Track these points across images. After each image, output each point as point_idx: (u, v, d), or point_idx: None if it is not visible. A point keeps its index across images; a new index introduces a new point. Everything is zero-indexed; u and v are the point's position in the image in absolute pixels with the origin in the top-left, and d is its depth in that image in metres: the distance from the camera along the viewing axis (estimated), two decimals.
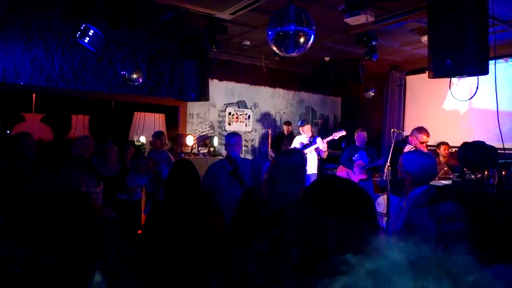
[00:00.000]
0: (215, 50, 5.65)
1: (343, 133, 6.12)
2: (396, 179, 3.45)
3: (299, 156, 2.39)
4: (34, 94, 6.13)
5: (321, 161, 6.38)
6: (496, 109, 3.55)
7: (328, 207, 1.07)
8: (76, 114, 6.75)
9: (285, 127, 7.50)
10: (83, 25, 4.81)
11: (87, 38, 4.85)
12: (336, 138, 6.12)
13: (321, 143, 5.96)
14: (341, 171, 6.17)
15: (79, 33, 4.85)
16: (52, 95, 6.04)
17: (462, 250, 0.48)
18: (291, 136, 7.16)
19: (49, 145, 5.91)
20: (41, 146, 4.81)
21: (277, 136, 7.53)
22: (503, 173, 3.13)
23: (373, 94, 7.42)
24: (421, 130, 4.94)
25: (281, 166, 2.25)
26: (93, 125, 6.82)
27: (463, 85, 6.39)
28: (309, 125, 6.27)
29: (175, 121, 7.13)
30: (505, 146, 3.74)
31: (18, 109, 6.14)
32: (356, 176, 5.94)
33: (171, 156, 5.49)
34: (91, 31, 4.83)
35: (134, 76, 5.93)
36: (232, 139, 3.87)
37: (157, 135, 5.64)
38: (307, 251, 1.00)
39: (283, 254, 1.00)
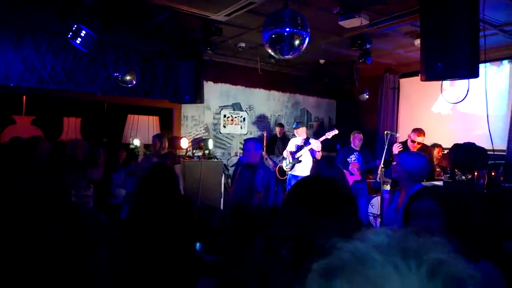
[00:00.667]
0: (210, 52, 5.66)
1: (336, 132, 6.20)
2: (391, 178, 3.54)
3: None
4: (24, 96, 6.05)
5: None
6: (486, 111, 3.60)
7: (311, 205, 1.10)
8: (68, 117, 6.67)
9: (278, 129, 7.53)
10: (75, 26, 4.79)
11: (79, 39, 4.83)
12: (329, 137, 6.17)
13: (315, 143, 6.01)
14: None
15: (70, 33, 4.83)
16: (43, 97, 5.94)
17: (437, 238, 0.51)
18: (285, 138, 7.19)
19: None
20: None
21: (271, 139, 7.55)
22: (493, 174, 3.18)
23: (367, 96, 7.48)
24: (414, 130, 5.15)
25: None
26: (86, 128, 6.74)
27: (455, 87, 6.48)
28: (304, 128, 6.30)
29: (169, 123, 7.11)
30: (495, 148, 3.80)
31: (8, 111, 6.05)
32: (351, 177, 5.97)
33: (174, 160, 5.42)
34: (83, 31, 4.81)
35: (128, 77, 5.91)
36: (244, 144, 4.07)
37: (159, 137, 5.60)
38: (297, 249, 1.02)
39: (274, 253, 1.02)
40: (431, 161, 5.07)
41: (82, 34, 4.84)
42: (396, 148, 5.14)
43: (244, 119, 7.86)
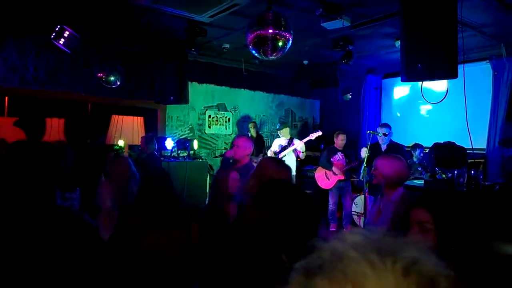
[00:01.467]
0: (195, 53, 5.65)
1: (319, 133, 6.30)
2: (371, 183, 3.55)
3: None
4: (6, 97, 5.94)
5: (300, 163, 6.47)
6: (465, 111, 3.71)
7: (275, 208, 1.15)
8: (51, 117, 6.56)
9: (253, 129, 7.39)
10: (58, 26, 4.73)
11: (62, 40, 4.78)
12: (313, 138, 6.27)
13: (299, 144, 6.09)
14: (320, 172, 6.27)
15: (54, 34, 4.77)
16: (26, 98, 5.87)
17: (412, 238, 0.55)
18: (260, 139, 7.21)
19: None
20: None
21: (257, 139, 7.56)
22: (472, 172, 3.28)
23: (350, 96, 7.58)
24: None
25: None
26: (69, 129, 6.64)
27: (435, 88, 6.63)
28: (288, 128, 6.37)
29: (154, 124, 7.07)
30: (475, 147, 3.92)
31: None
32: (335, 177, 6.05)
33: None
34: (67, 32, 4.76)
35: (112, 78, 5.85)
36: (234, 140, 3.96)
37: (143, 137, 5.55)
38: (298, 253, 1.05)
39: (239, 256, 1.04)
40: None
41: (66, 35, 4.79)
42: (364, 152, 5.20)
43: (229, 119, 7.87)
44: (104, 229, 2.59)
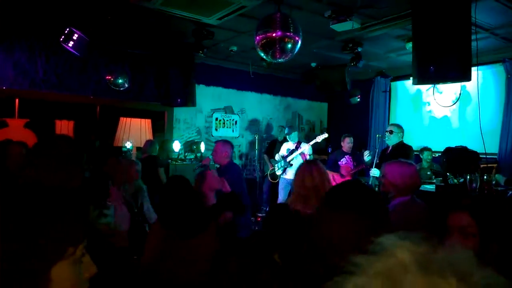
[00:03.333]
0: (202, 55, 5.63)
1: (326, 135, 6.26)
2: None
3: None
4: (17, 99, 6.00)
5: None
6: (478, 114, 3.63)
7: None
8: (61, 119, 6.63)
9: (280, 133, 7.36)
10: (67, 29, 4.75)
11: (71, 42, 4.79)
12: (319, 141, 6.22)
13: (305, 147, 6.05)
14: None
15: (62, 37, 4.79)
16: (36, 100, 5.92)
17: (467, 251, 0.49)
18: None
19: None
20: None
21: (272, 142, 7.48)
22: (485, 177, 3.19)
23: (358, 99, 7.50)
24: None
25: None
26: (78, 131, 6.70)
27: (446, 91, 6.53)
28: (296, 132, 6.34)
29: (161, 126, 7.07)
30: (487, 151, 3.83)
31: (1, 114, 6.00)
32: (342, 180, 5.97)
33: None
34: (75, 35, 4.77)
35: (120, 81, 5.86)
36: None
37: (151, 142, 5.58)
38: (290, 254, 1.00)
39: (265, 259, 1.00)
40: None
41: (75, 37, 4.80)
42: (366, 156, 5.10)
43: (236, 122, 7.83)
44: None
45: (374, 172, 4.48)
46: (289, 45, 3.70)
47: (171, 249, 2.18)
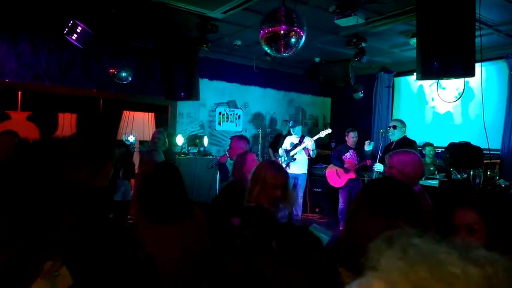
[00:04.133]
0: (206, 49, 5.64)
1: (329, 131, 6.29)
2: None
3: None
4: (20, 92, 6.02)
5: (310, 161, 6.44)
6: (482, 110, 3.63)
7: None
8: (63, 113, 6.64)
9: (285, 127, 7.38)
10: (71, 22, 4.75)
11: (75, 35, 4.80)
12: (323, 136, 6.25)
13: (308, 141, 6.07)
14: (331, 170, 6.23)
15: (66, 29, 4.79)
16: (38, 93, 5.92)
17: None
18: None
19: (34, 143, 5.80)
20: (26, 145, 4.73)
21: (276, 136, 7.50)
22: (488, 172, 3.21)
23: (362, 95, 7.51)
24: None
25: None
26: (81, 124, 6.72)
27: (450, 87, 6.53)
28: (300, 126, 6.36)
29: (164, 120, 7.10)
30: (490, 147, 3.84)
31: (3, 107, 6.01)
32: (346, 175, 6.00)
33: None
34: (79, 27, 4.78)
35: (123, 74, 5.87)
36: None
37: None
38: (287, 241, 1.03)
39: (264, 245, 1.02)
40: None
41: (78, 30, 4.81)
42: (367, 145, 5.13)
43: (239, 116, 7.85)
44: None
45: (378, 167, 4.50)
46: (294, 40, 3.71)
47: (152, 235, 2.19)
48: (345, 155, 6.08)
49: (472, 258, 0.48)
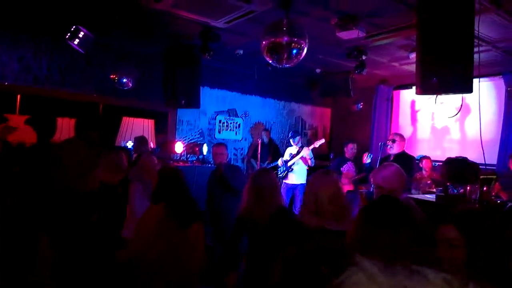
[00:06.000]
0: (208, 57, 5.69)
1: (323, 141, 6.37)
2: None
3: None
4: (19, 95, 6.01)
5: (310, 172, 6.45)
6: (479, 125, 3.67)
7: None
8: (62, 117, 6.62)
9: (265, 137, 7.37)
10: (74, 27, 4.78)
11: (77, 40, 4.82)
12: (317, 146, 6.30)
13: (305, 151, 6.12)
14: None
15: (68, 34, 4.82)
16: (38, 96, 5.90)
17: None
18: (270, 144, 7.20)
19: (31, 148, 5.79)
20: (23, 149, 4.74)
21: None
22: (485, 188, 3.23)
23: (361, 106, 7.56)
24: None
25: None
26: (79, 129, 6.68)
27: (448, 102, 6.59)
28: (299, 137, 6.41)
29: (164, 127, 7.11)
30: (487, 162, 3.87)
31: (1, 109, 5.99)
32: (344, 187, 6.00)
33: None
34: (82, 32, 4.80)
35: (124, 80, 5.90)
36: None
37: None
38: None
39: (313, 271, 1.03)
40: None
41: (80, 35, 4.83)
42: (365, 158, 5.16)
43: (239, 125, 7.88)
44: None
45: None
46: (295, 51, 3.76)
47: (169, 236, 2.22)
48: (343, 167, 6.10)
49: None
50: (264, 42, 3.80)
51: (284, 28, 3.67)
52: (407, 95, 7.66)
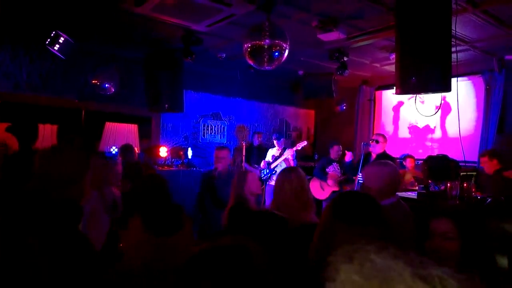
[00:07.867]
0: (191, 61, 5.67)
1: (305, 143, 6.44)
2: None
3: None
4: None
5: None
6: (458, 124, 3.75)
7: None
8: (44, 123, 6.50)
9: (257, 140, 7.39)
10: (53, 32, 4.72)
11: (57, 45, 4.76)
12: (299, 148, 6.33)
13: (288, 153, 6.15)
14: (314, 182, 6.27)
15: (48, 40, 4.75)
16: (18, 103, 5.81)
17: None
18: (261, 147, 7.19)
19: (14, 155, 5.67)
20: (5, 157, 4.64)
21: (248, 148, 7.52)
22: (465, 185, 3.30)
23: (345, 107, 7.64)
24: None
25: None
26: (62, 135, 6.58)
27: (428, 101, 6.72)
28: (283, 139, 6.43)
29: (148, 132, 7.04)
30: (467, 160, 3.96)
31: None
32: (329, 187, 6.05)
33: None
34: (62, 38, 4.74)
35: (106, 85, 5.83)
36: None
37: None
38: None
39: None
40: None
41: (61, 41, 4.77)
42: (349, 157, 5.22)
43: (223, 128, 7.86)
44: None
45: (361, 178, 4.57)
46: (277, 53, 3.78)
47: (152, 247, 2.18)
48: (328, 167, 6.14)
49: (423, 275, 0.51)
50: (245, 45, 3.82)
51: (265, 31, 3.69)
52: (389, 95, 7.78)
